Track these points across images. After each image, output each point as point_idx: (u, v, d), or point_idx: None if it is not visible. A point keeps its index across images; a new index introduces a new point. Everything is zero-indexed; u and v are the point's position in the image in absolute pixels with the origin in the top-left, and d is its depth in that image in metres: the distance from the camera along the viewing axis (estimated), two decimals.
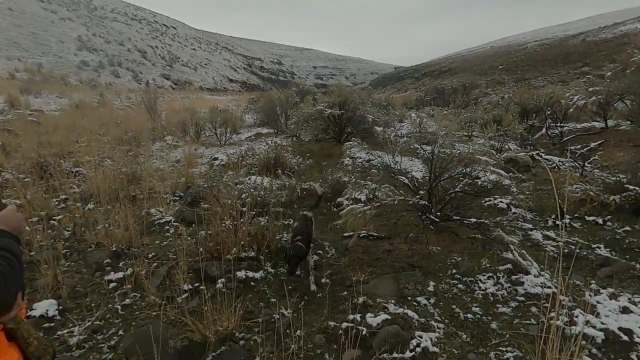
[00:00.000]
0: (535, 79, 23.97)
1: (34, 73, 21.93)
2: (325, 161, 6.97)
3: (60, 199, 4.71)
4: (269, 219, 3.75)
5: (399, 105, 15.63)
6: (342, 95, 8.05)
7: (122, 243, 3.44)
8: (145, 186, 5.32)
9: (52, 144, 7.11)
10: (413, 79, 40.26)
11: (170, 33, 61.36)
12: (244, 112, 15.35)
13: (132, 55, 38.38)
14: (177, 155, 7.65)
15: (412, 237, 3.50)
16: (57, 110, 12.96)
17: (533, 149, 6.62)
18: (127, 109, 15.27)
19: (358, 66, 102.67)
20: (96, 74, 28.53)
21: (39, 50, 28.02)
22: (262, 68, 73.60)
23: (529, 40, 41.16)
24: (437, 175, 3.59)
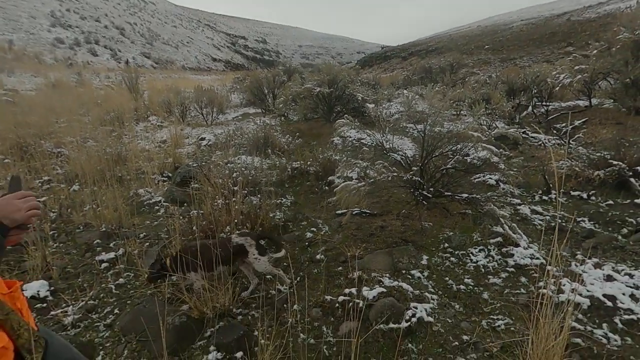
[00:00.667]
0: (520, 58, 24.09)
1: (5, 51, 20.83)
2: (315, 140, 6.92)
3: (43, 180, 4.57)
4: (262, 197, 3.72)
5: (387, 85, 15.52)
6: (331, 74, 7.92)
7: (111, 223, 3.38)
8: (132, 167, 5.21)
9: (30, 125, 6.83)
10: (400, 58, 39.92)
11: (149, 9, 58.76)
12: (230, 92, 15.02)
13: (110, 33, 36.75)
14: (162, 136, 7.47)
15: (405, 214, 3.54)
16: (33, 89, 12.42)
17: (520, 127, 6.72)
18: (107, 88, 14.73)
19: (344, 45, 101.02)
20: (72, 52, 27.29)
21: (8, 27, 26.52)
22: (246, 47, 71.68)
23: (515, 19, 41.16)
24: (429, 152, 3.61)
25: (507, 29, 35.51)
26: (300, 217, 3.73)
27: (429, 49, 37.52)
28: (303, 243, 3.21)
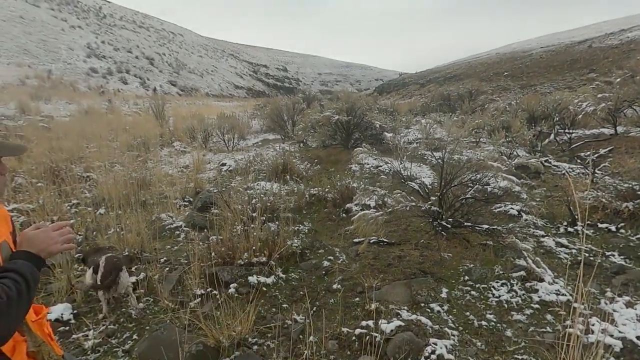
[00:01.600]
0: (541, 85, 23.93)
1: (43, 80, 22.28)
2: (333, 167, 6.98)
3: (72, 204, 4.77)
4: (279, 224, 3.75)
5: (405, 112, 15.64)
6: (349, 102, 8.09)
7: (134, 248, 3.47)
8: (155, 191, 5.38)
9: (63, 150, 7.21)
10: (418, 85, 40.32)
11: (177, 40, 62.15)
12: (251, 118, 15.46)
13: (140, 62, 38.90)
14: (185, 161, 7.72)
15: (423, 244, 3.49)
16: (67, 116, 13.15)
17: (542, 155, 6.59)
18: (135, 115, 15.44)
19: (362, 72, 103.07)
20: (104, 81, 28.92)
21: (48, 57, 28.50)
22: (267, 75, 74.17)
23: (534, 47, 41.14)
24: (448, 182, 3.58)
25: (526, 56, 35.50)
26: (317, 245, 3.72)
27: (447, 76, 37.81)
28: (320, 272, 3.20)
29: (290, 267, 3.31)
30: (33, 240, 0.97)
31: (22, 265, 0.91)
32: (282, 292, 2.91)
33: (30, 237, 0.97)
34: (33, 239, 0.97)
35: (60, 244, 1.00)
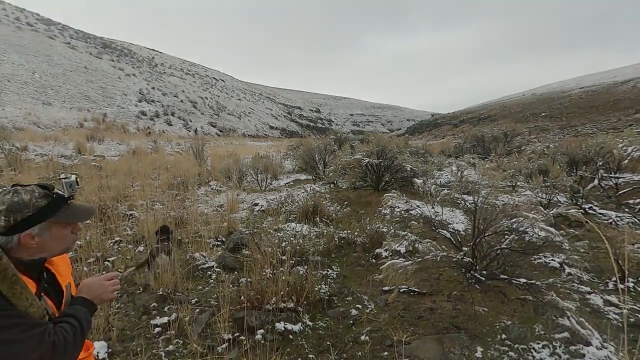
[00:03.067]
0: (582, 125, 23.07)
1: (99, 122, 24.50)
2: (363, 209, 6.97)
3: (115, 241, 5.05)
4: (308, 268, 3.77)
5: (437, 153, 15.54)
6: (379, 145, 8.20)
7: (168, 287, 3.59)
8: (191, 230, 5.60)
9: (111, 188, 7.76)
10: (450, 125, 40.18)
11: (219, 85, 66.74)
12: (284, 158, 15.96)
13: (184, 106, 41.91)
14: (220, 200, 8.01)
15: (456, 295, 3.35)
16: (117, 155, 14.23)
17: (585, 202, 6.24)
18: (177, 154, 16.43)
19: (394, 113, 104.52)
20: (152, 122, 31.28)
21: (105, 102, 31.47)
22: (301, 116, 77.03)
23: (573, 87, 40.21)
24: (481, 230, 3.48)
25: (565, 96, 34.67)
26: (345, 292, 3.67)
27: (481, 117, 37.47)
28: (348, 321, 3.13)
29: (318, 314, 3.27)
30: (90, 288, 1.13)
31: (79, 310, 1.06)
32: (308, 341, 2.87)
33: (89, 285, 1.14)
34: (90, 287, 1.14)
35: (110, 293, 1.17)
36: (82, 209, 1.14)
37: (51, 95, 27.22)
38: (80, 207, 1.14)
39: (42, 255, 1.07)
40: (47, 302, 1.05)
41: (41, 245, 1.04)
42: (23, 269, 1.00)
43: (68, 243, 1.11)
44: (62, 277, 1.16)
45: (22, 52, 33.39)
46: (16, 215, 0.98)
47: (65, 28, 53.80)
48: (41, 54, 35.29)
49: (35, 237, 1.02)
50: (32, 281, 1.02)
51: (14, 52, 32.12)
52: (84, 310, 1.08)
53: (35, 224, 1.01)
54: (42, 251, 1.06)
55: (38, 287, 1.03)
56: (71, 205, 1.10)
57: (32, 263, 1.04)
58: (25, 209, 1.00)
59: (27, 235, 1.00)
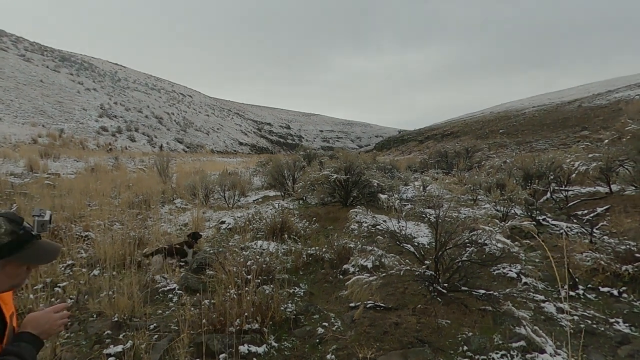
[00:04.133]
0: (536, 142, 24.64)
1: (55, 138, 23.21)
2: (332, 225, 6.99)
3: (67, 265, 4.73)
4: (274, 287, 3.69)
5: (404, 168, 15.99)
6: (347, 161, 8.32)
7: (124, 312, 3.38)
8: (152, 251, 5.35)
9: (65, 208, 7.30)
10: (416, 141, 41.61)
11: (186, 101, 65.51)
12: (253, 175, 15.79)
13: (149, 121, 40.70)
14: (185, 219, 7.76)
15: (420, 309, 3.39)
16: (73, 173, 13.50)
17: (539, 213, 6.61)
18: (140, 172, 15.83)
19: (363, 129, 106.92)
20: (113, 139, 30.04)
21: (62, 117, 29.95)
22: (271, 132, 76.99)
23: (527, 106, 43.09)
24: (443, 243, 3.58)
25: (520, 115, 37.01)
26: (312, 310, 3.63)
27: (445, 133, 39.15)
28: (314, 340, 3.08)
29: (284, 335, 3.20)
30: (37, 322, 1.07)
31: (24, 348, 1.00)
32: None
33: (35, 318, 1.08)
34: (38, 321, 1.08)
35: (58, 327, 1.11)
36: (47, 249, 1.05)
37: (1, 110, 25.57)
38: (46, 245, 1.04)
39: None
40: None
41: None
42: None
43: (20, 280, 1.04)
44: (7, 306, 1.07)
45: None
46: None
47: (20, 40, 51.21)
48: None
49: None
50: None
51: None
52: (29, 347, 1.00)
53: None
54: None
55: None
56: (36, 243, 1.01)
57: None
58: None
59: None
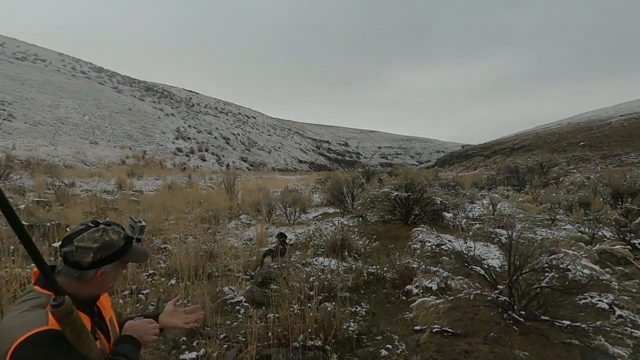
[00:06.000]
0: (626, 154, 21.87)
1: (139, 159, 26.04)
2: (392, 244, 6.84)
3: (149, 274, 5.22)
4: (336, 304, 3.70)
5: (469, 185, 15.14)
6: (408, 177, 8.15)
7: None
8: (221, 264, 5.69)
9: (147, 221, 8.10)
10: (482, 156, 39.26)
11: (250, 122, 69.66)
12: (312, 192, 16.11)
13: (218, 142, 43.88)
14: (250, 234, 8.14)
15: (493, 337, 3.15)
16: (154, 190, 14.95)
17: (634, 236, 5.80)
18: (210, 189, 17.02)
19: (423, 145, 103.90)
20: (187, 159, 32.83)
21: (145, 140, 33.56)
22: (329, 149, 78.22)
23: (613, 114, 38.54)
24: (518, 267, 3.31)
25: (605, 125, 33.21)
26: (375, 330, 3.55)
27: (514, 147, 36.43)
28: None
29: (346, 354, 3.16)
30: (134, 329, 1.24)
31: (129, 349, 1.15)
32: None
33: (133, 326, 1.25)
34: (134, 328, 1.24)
35: (152, 336, 1.29)
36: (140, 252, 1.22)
37: (98, 135, 29.45)
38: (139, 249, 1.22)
39: (97, 292, 1.15)
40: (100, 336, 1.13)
41: (102, 282, 1.11)
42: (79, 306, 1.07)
43: (117, 281, 1.21)
44: (106, 310, 1.24)
45: (76, 97, 36.77)
46: (103, 253, 1.06)
47: (114, 74, 59.06)
48: (91, 98, 38.68)
49: (104, 274, 1.09)
50: (87, 317, 1.08)
51: (68, 97, 35.43)
52: (132, 349, 1.16)
53: (112, 262, 1.10)
54: (100, 288, 1.13)
55: (92, 322, 1.10)
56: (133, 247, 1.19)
57: (88, 300, 1.11)
58: (111, 248, 1.08)
59: (101, 271, 1.08)
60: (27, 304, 0.96)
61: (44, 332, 0.89)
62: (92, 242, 1.06)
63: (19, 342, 0.86)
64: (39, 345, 0.87)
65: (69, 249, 1.04)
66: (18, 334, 0.87)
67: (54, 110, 30.39)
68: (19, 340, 0.86)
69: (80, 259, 1.04)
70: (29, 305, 0.94)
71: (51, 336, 0.90)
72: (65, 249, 1.05)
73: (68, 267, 1.05)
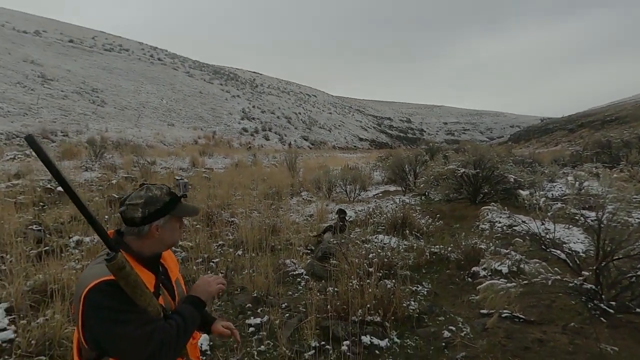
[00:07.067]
0: None
1: (209, 139, 27.82)
2: (458, 223, 6.49)
3: (219, 244, 5.61)
4: (396, 282, 3.63)
5: (548, 162, 13.65)
6: (477, 154, 7.56)
7: (261, 290, 3.82)
8: (283, 238, 5.90)
9: (217, 197, 8.68)
10: (565, 131, 35.03)
11: (311, 101, 70.07)
12: (373, 170, 15.87)
13: (280, 121, 45.03)
14: (310, 210, 8.31)
15: (574, 328, 2.84)
16: (222, 168, 15.92)
17: None
18: (273, 167, 17.66)
19: (495, 120, 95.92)
20: (252, 138, 34.31)
21: (214, 121, 35.67)
22: (391, 127, 75.95)
23: None
24: (608, 252, 2.91)
25: None
26: (437, 311, 3.43)
27: (606, 120, 31.85)
28: (439, 342, 2.91)
29: (406, 332, 3.11)
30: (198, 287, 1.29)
31: (184, 308, 1.21)
32: (396, 359, 2.74)
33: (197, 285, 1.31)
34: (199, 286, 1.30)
35: (215, 285, 1.31)
36: (190, 207, 1.33)
37: (174, 117, 31.99)
38: (189, 205, 1.33)
39: (158, 248, 1.24)
40: (165, 294, 1.22)
41: (161, 237, 1.21)
42: (143, 264, 1.16)
43: (176, 237, 1.28)
44: (172, 272, 1.33)
45: (154, 82, 40.14)
46: (150, 207, 1.17)
47: (186, 59, 63.07)
48: (167, 83, 41.92)
49: (159, 229, 1.19)
50: (152, 274, 1.19)
51: (148, 83, 38.81)
52: (189, 307, 1.22)
53: (162, 216, 1.19)
54: (160, 243, 1.22)
55: (156, 280, 1.19)
56: (182, 203, 1.28)
57: (151, 258, 1.21)
58: (157, 202, 1.19)
59: (155, 226, 1.18)
60: (99, 259, 1.11)
61: (107, 281, 1.02)
62: (138, 199, 1.16)
63: (88, 287, 1.02)
64: (102, 291, 1.02)
65: (122, 209, 1.17)
66: (88, 282, 1.03)
67: (137, 95, 33.57)
68: (89, 287, 1.02)
69: (132, 216, 1.15)
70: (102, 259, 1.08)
71: (111, 285, 1.02)
72: (120, 209, 1.18)
73: (127, 226, 1.17)
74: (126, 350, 1.02)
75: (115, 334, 1.01)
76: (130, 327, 1.02)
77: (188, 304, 1.22)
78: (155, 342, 1.03)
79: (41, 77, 26.71)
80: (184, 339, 1.15)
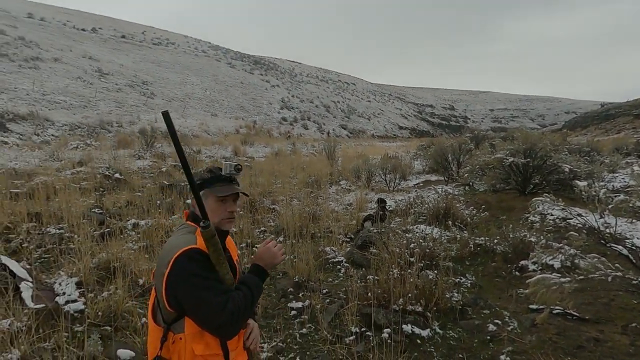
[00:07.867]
0: None
1: (250, 128, 28.52)
2: (505, 215, 6.20)
3: (261, 230, 5.80)
4: (438, 273, 3.56)
5: (609, 151, 12.56)
6: (527, 142, 7.12)
7: (302, 275, 3.92)
8: (323, 225, 5.98)
9: (258, 184, 8.93)
10: (630, 116, 31.86)
11: (350, 89, 69.27)
12: (413, 159, 15.49)
13: (319, 110, 45.05)
14: (349, 199, 8.31)
15: (636, 328, 2.64)
16: (263, 157, 16.30)
17: None
18: (312, 155, 17.78)
19: (547, 105, 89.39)
20: (291, 127, 34.69)
21: (255, 111, 36.44)
22: (432, 114, 73.35)
23: None
24: None
25: None
26: (481, 304, 3.34)
27: None
28: (483, 336, 2.84)
29: (448, 323, 3.06)
30: (262, 257, 1.33)
31: (248, 277, 1.27)
32: (437, 349, 2.71)
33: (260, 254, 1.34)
34: (262, 256, 1.33)
35: (280, 256, 1.36)
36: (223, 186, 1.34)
37: (217, 108, 33.09)
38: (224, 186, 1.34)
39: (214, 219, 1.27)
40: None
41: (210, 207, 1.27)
42: None
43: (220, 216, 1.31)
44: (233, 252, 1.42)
45: (198, 74, 41.63)
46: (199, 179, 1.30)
47: (228, 51, 64.62)
48: (210, 74, 43.31)
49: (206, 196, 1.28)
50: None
51: (193, 75, 40.34)
52: (252, 277, 1.28)
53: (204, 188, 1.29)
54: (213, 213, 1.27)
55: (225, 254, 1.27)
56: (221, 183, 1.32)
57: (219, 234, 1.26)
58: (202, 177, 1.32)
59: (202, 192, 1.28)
60: (184, 231, 1.26)
61: (194, 249, 1.16)
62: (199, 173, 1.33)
63: (177, 254, 1.14)
64: (189, 257, 1.14)
65: None
66: (177, 249, 1.16)
67: (183, 87, 35.06)
68: (178, 253, 1.14)
69: None
70: (185, 231, 1.23)
71: (198, 252, 1.16)
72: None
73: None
74: (204, 313, 1.12)
75: (197, 296, 1.11)
76: (211, 293, 1.12)
77: (254, 275, 1.28)
78: (227, 313, 1.11)
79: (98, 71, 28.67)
80: (250, 311, 1.21)
